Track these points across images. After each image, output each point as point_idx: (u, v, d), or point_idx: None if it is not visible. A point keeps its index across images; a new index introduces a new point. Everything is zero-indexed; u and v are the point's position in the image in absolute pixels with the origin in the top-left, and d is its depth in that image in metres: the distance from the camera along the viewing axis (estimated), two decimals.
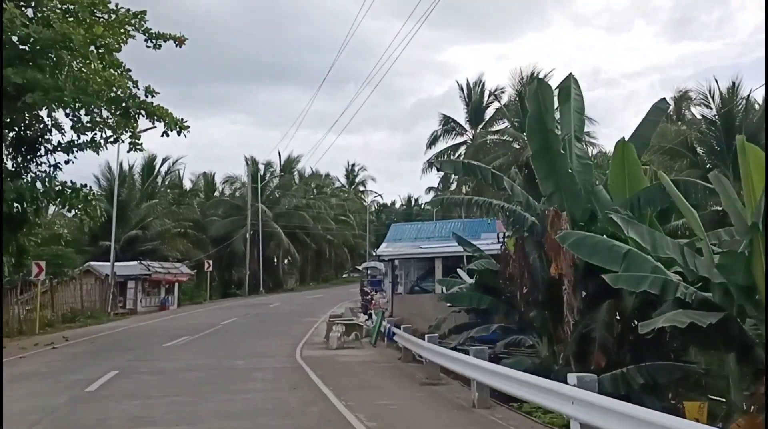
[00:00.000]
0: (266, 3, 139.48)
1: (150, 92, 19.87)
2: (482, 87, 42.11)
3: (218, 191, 60.83)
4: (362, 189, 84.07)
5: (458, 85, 42.95)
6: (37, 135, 20.40)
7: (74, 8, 18.02)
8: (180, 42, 20.12)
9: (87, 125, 19.52)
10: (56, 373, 13.32)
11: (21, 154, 20.06)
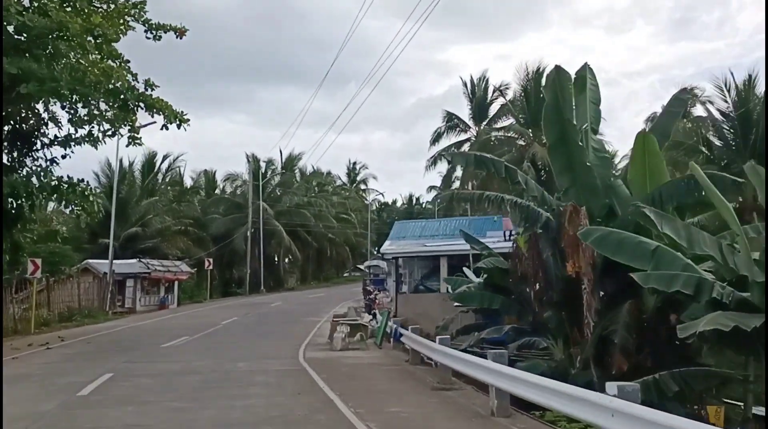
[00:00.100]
0: (266, 2, 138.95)
1: (149, 85, 19.32)
2: (486, 83, 41.49)
3: (219, 189, 60.27)
4: (363, 187, 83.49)
5: (462, 81, 42.35)
6: (33, 128, 19.82)
7: None
8: (180, 33, 19.55)
9: (84, 118, 18.98)
10: (48, 376, 12.74)
11: (16, 148, 19.48)
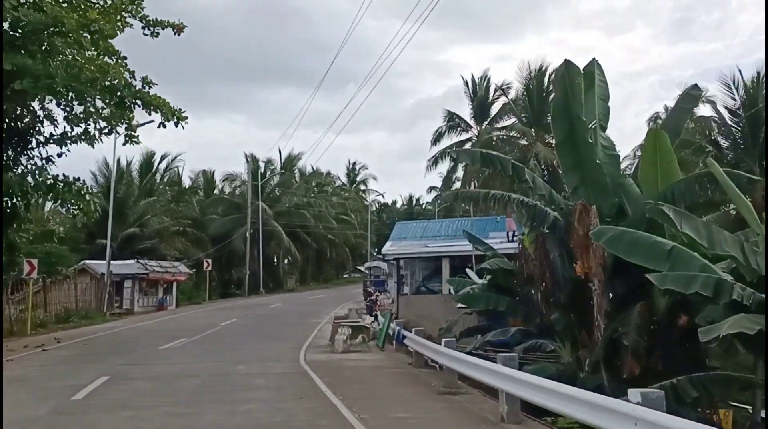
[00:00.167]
0: (266, 3, 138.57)
1: (147, 83, 18.96)
2: (488, 82, 41.17)
3: (218, 189, 59.88)
4: (363, 188, 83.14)
5: (463, 80, 42.00)
6: (29, 126, 19.48)
7: None
8: (179, 30, 19.19)
9: (80, 116, 18.63)
10: (42, 379, 12.38)
11: (11, 146, 19.12)
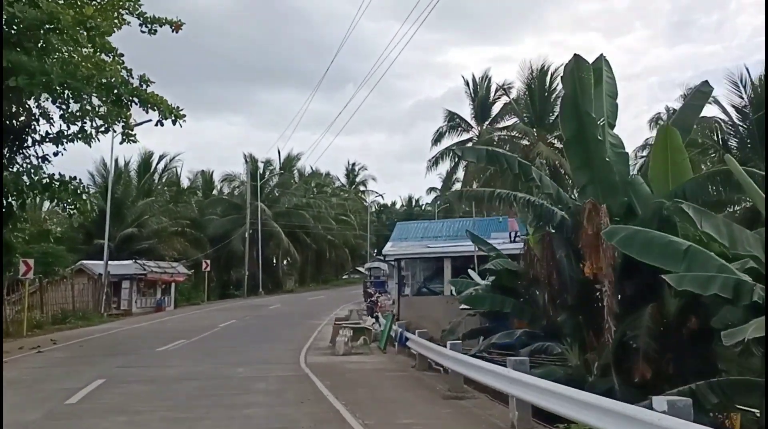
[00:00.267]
0: (265, 4, 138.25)
1: (144, 81, 18.64)
2: (488, 82, 40.82)
3: (216, 190, 59.51)
4: (363, 189, 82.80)
5: (464, 80, 41.65)
6: (24, 125, 19.16)
7: None
8: (176, 27, 18.87)
9: (76, 114, 18.32)
10: (36, 382, 12.06)
11: (7, 145, 18.79)
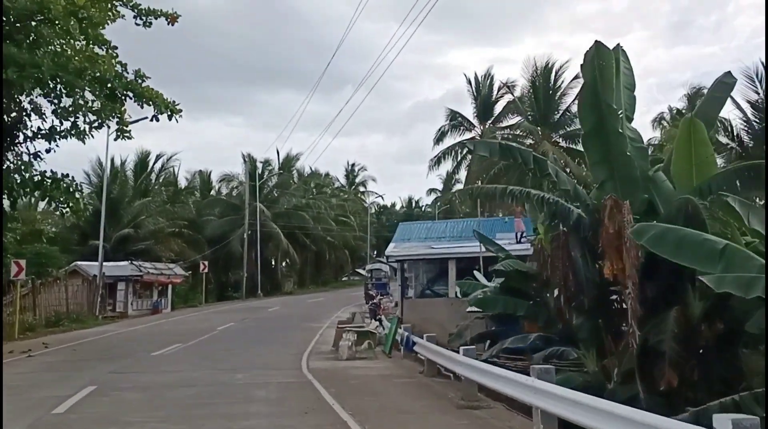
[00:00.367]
0: (264, 5, 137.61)
1: (140, 76, 18.04)
2: (491, 81, 40.32)
3: (215, 190, 58.85)
4: (362, 189, 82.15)
5: (466, 79, 41.16)
6: (15, 120, 18.50)
7: None
8: (172, 19, 18.29)
9: (69, 109, 17.67)
10: (24, 389, 11.37)
11: None
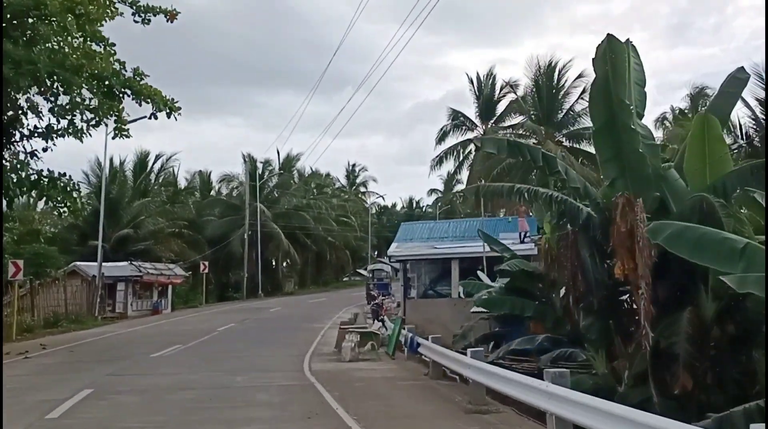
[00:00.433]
0: (263, 5, 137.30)
1: (138, 74, 17.76)
2: (493, 80, 40.04)
3: (215, 190, 58.52)
4: (363, 190, 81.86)
5: (468, 78, 40.89)
6: (11, 119, 18.20)
7: None
8: (171, 16, 18.01)
9: (66, 107, 17.39)
10: (18, 392, 11.06)
11: None
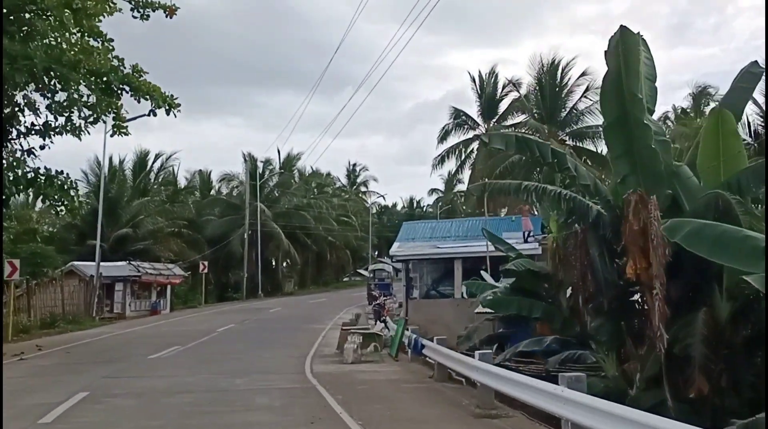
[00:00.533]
0: (264, 6, 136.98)
1: (137, 71, 17.45)
2: (495, 78, 39.71)
3: (214, 190, 58.20)
4: (364, 189, 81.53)
5: (470, 77, 40.67)
6: (8, 116, 17.89)
7: None
8: (170, 12, 17.72)
9: (63, 103, 17.09)
10: (11, 395, 10.68)
11: None
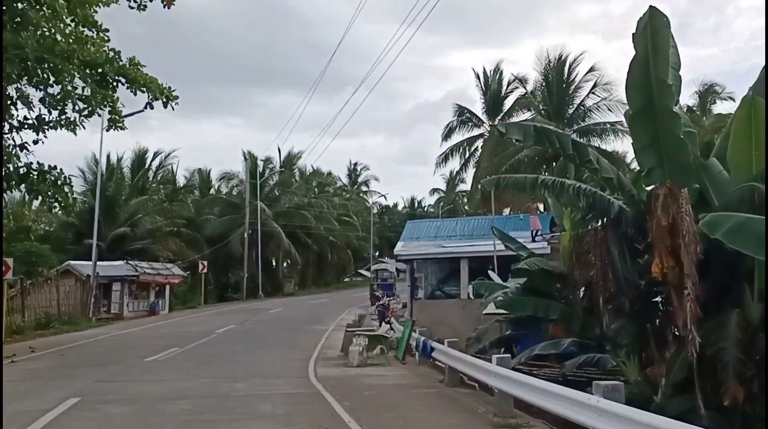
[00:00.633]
0: (264, 6, 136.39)
1: (134, 64, 16.84)
2: (500, 75, 39.12)
3: (214, 189, 57.59)
4: (365, 189, 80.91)
5: (474, 74, 40.05)
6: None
7: None
8: (168, 2, 17.08)
9: (57, 97, 16.48)
10: None
11: None
